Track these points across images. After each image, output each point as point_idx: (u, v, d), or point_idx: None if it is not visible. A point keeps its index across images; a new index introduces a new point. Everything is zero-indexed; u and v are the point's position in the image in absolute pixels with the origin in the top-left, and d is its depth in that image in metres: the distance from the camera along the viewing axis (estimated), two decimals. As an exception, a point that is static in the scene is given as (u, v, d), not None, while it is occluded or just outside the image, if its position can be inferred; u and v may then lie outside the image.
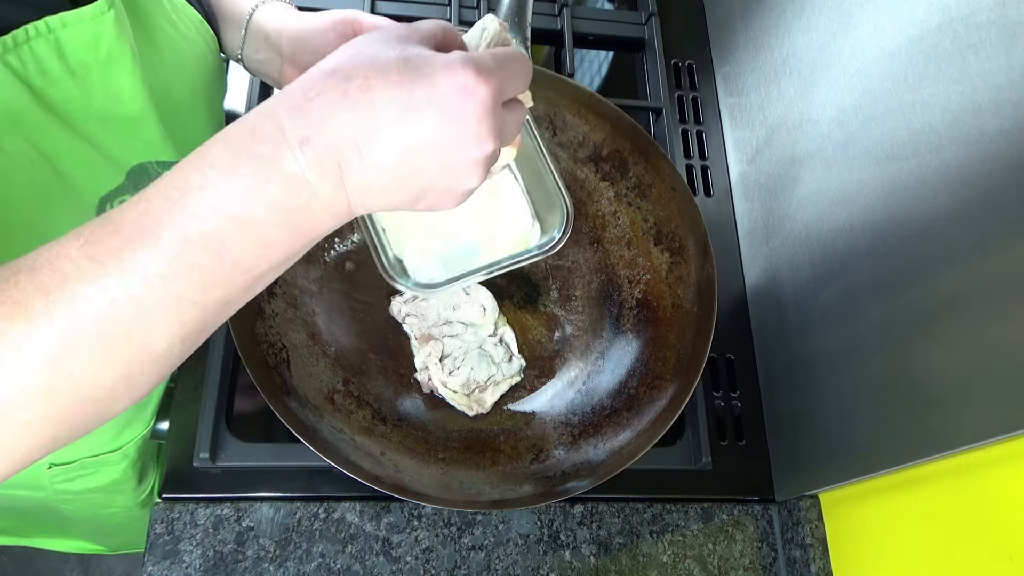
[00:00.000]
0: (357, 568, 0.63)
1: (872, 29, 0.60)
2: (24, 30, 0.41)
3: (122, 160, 0.52)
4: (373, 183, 0.33)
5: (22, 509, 0.76)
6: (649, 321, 0.69)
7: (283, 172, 0.31)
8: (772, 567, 0.69)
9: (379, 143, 0.32)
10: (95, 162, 0.49)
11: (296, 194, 0.31)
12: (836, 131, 0.64)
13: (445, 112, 0.32)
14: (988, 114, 0.48)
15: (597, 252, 0.73)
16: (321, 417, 0.60)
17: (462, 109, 0.32)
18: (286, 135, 0.31)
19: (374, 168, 0.32)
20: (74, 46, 0.43)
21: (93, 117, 0.48)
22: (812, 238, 0.67)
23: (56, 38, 0.42)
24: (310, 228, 0.33)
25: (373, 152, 0.32)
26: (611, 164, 0.72)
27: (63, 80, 0.44)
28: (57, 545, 0.95)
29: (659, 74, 0.85)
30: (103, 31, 0.44)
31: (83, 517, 0.77)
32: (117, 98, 0.48)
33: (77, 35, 0.43)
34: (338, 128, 0.31)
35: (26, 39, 0.41)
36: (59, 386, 0.31)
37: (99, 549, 0.98)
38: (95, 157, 0.49)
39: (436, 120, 0.32)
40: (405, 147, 0.32)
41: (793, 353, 0.70)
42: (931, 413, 0.53)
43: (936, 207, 0.52)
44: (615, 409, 0.66)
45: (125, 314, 0.31)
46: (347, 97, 0.31)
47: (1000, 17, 0.47)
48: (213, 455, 0.61)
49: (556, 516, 0.67)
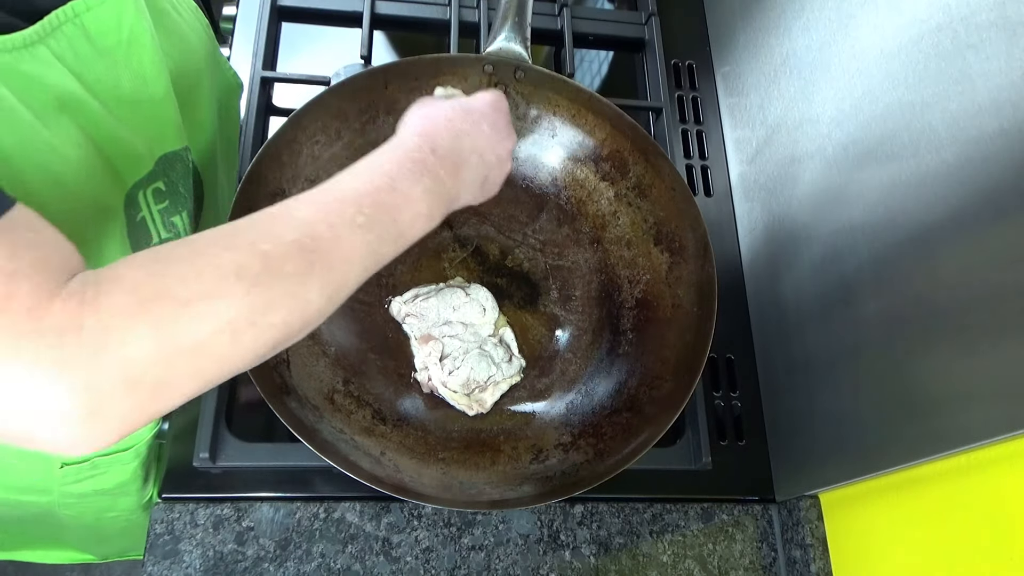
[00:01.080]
0: (357, 568, 0.63)
1: (872, 29, 0.60)
2: (55, 15, 0.42)
3: (153, 147, 0.54)
4: (465, 176, 0.50)
5: (18, 518, 0.76)
6: (649, 321, 0.69)
7: (430, 171, 0.46)
8: (772, 567, 0.69)
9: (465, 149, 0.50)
10: (129, 147, 0.51)
11: (438, 182, 0.47)
12: (836, 131, 0.64)
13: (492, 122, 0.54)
14: (988, 114, 0.48)
15: (597, 252, 0.73)
16: (321, 417, 0.60)
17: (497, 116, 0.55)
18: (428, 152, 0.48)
19: (466, 166, 0.50)
20: (99, 28, 0.45)
21: (124, 100, 0.49)
22: (812, 238, 0.67)
23: (82, 22, 0.43)
24: (442, 209, 0.47)
25: (468, 159, 0.50)
26: (611, 164, 0.72)
27: (94, 63, 0.45)
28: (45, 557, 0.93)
29: (659, 74, 0.85)
30: (124, 11, 0.46)
31: (82, 524, 0.77)
32: (143, 79, 0.50)
33: (101, 17, 0.44)
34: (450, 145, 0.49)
35: (58, 24, 0.42)
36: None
37: (89, 559, 0.97)
38: (129, 142, 0.51)
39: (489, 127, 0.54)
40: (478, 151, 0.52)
41: (793, 353, 0.70)
42: (931, 413, 0.53)
43: (936, 207, 0.52)
44: (615, 409, 0.66)
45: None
46: (449, 129, 0.50)
47: (1000, 17, 0.47)
48: (213, 455, 0.61)
49: (556, 516, 0.67)
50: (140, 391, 0.33)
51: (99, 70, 0.46)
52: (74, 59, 0.44)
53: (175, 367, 0.33)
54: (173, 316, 0.33)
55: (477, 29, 0.83)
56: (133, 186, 0.53)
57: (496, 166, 0.54)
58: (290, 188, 0.64)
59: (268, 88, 0.78)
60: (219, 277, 0.35)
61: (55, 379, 0.30)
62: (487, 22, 0.83)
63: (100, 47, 0.45)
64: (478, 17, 0.84)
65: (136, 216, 0.54)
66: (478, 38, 0.83)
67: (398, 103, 0.69)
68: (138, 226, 0.55)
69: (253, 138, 0.72)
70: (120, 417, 0.33)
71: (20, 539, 0.88)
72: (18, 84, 0.40)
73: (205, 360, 0.34)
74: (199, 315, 0.34)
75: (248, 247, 0.36)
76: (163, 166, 0.55)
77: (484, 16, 0.84)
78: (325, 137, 0.66)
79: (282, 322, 0.37)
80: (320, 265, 0.38)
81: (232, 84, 0.75)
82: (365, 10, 0.81)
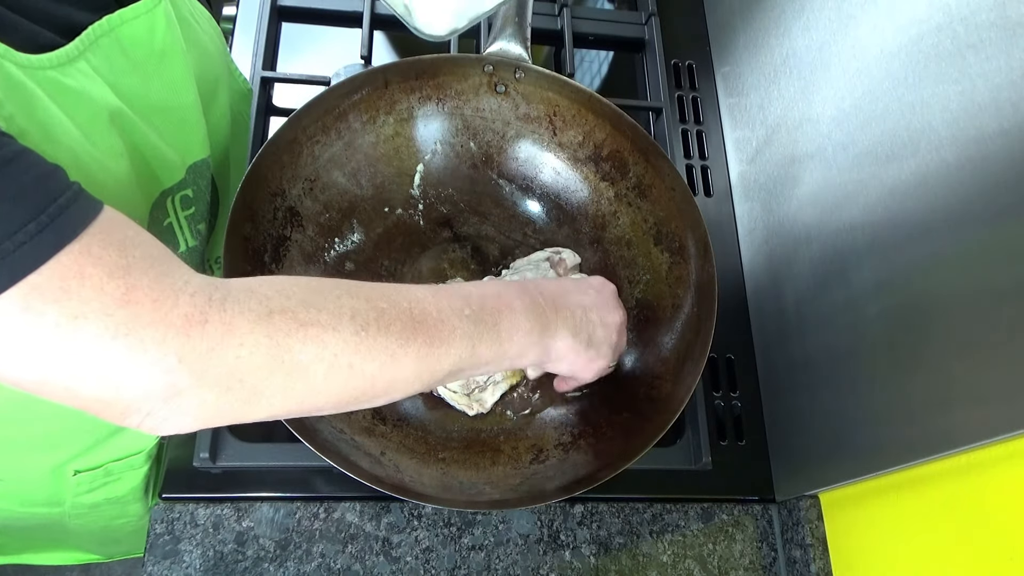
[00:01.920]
0: (357, 568, 0.63)
1: (872, 29, 0.60)
2: (92, 29, 0.42)
3: (184, 155, 0.55)
4: (565, 317, 0.53)
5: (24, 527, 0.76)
6: (649, 321, 0.69)
7: (532, 297, 0.51)
8: (772, 567, 0.69)
9: (570, 301, 0.54)
10: (166, 155, 0.52)
11: (538, 308, 0.51)
12: (836, 131, 0.64)
13: (598, 291, 0.58)
14: (988, 114, 0.48)
15: (597, 252, 0.73)
16: (321, 417, 0.60)
17: (604, 290, 0.59)
18: (533, 287, 0.53)
19: (567, 309, 0.53)
20: (133, 41, 0.46)
21: (156, 109, 0.50)
22: (812, 238, 0.67)
23: (118, 35, 0.44)
24: (543, 337, 0.51)
25: (570, 305, 0.54)
26: (611, 164, 0.72)
27: (129, 74, 0.46)
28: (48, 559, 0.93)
29: (659, 74, 0.85)
30: (156, 24, 0.47)
31: (89, 531, 0.77)
32: (173, 88, 0.51)
33: (135, 30, 0.45)
34: (554, 291, 0.54)
35: (95, 38, 0.43)
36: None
37: (95, 558, 0.97)
38: (165, 150, 0.52)
39: (595, 293, 0.57)
40: (582, 306, 0.55)
41: (793, 353, 0.70)
42: (931, 413, 0.53)
43: (936, 207, 0.52)
44: (615, 409, 0.66)
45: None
46: (555, 283, 0.57)
47: (1000, 17, 0.47)
48: (213, 455, 0.61)
49: (556, 516, 0.67)
50: (237, 392, 0.36)
51: (133, 81, 0.47)
52: (110, 71, 0.45)
53: (273, 380, 0.37)
54: (288, 332, 0.36)
55: (477, 29, 0.83)
56: (163, 192, 0.54)
57: (600, 327, 0.55)
58: (290, 188, 0.64)
59: (268, 88, 0.78)
60: (337, 314, 0.39)
61: (174, 364, 0.34)
62: (487, 22, 0.83)
63: (134, 58, 0.46)
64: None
65: (163, 221, 0.55)
66: (478, 38, 0.83)
67: (398, 103, 0.69)
68: (164, 231, 0.55)
69: (253, 138, 0.72)
70: (214, 409, 0.36)
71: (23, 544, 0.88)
72: (64, 100, 0.41)
73: (299, 383, 0.37)
74: (311, 338, 0.37)
75: (366, 299, 0.41)
76: (193, 174, 0.57)
77: (484, 16, 0.84)
78: (325, 137, 0.66)
79: (372, 374, 0.40)
80: (422, 336, 0.42)
81: (243, 91, 0.75)
82: (365, 10, 0.81)
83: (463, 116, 0.72)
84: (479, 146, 0.74)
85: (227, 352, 0.35)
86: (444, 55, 0.70)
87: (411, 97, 0.70)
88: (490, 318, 0.46)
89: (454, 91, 0.71)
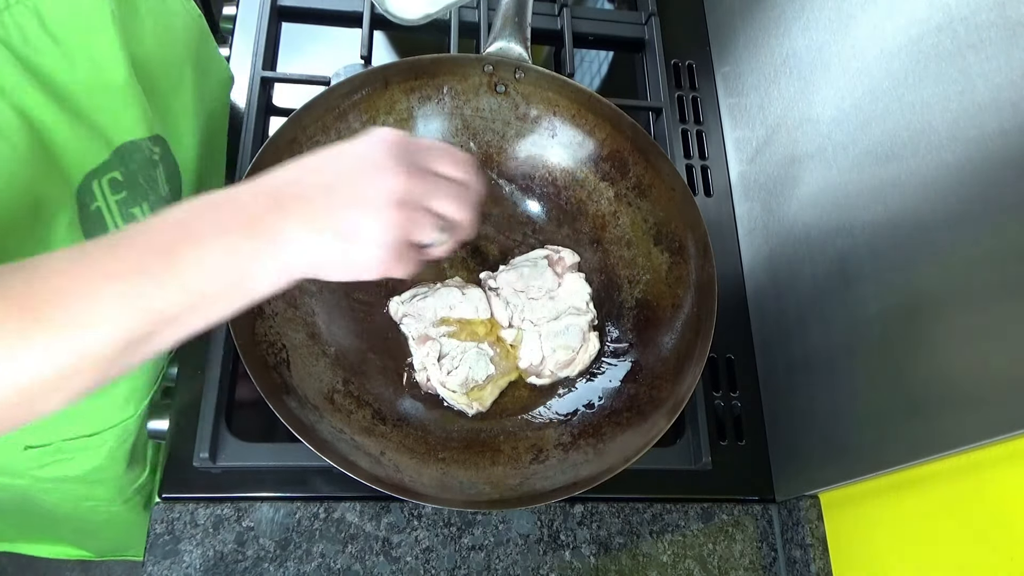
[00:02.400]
0: (357, 568, 0.63)
1: (872, 29, 0.60)
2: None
3: (110, 135, 0.52)
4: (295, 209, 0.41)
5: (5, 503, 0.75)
6: (649, 321, 0.69)
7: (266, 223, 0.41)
8: (772, 567, 0.69)
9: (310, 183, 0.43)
10: (82, 135, 0.49)
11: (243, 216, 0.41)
12: (836, 131, 0.64)
13: (362, 154, 0.43)
14: (988, 114, 0.48)
15: (597, 252, 0.73)
16: (321, 417, 0.60)
17: (375, 148, 0.43)
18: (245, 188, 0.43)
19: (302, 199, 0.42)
20: (54, 12, 0.43)
21: (79, 87, 0.48)
22: (812, 238, 0.67)
23: (35, 4, 0.42)
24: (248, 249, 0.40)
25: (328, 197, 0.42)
26: (611, 164, 0.72)
27: (48, 48, 0.44)
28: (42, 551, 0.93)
29: (659, 74, 0.85)
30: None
31: (65, 512, 0.76)
32: (100, 65, 0.48)
33: (55, 0, 0.43)
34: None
35: (6, 6, 0.41)
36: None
37: (86, 555, 0.97)
38: (82, 130, 0.49)
39: (354, 158, 0.43)
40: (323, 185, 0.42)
41: (793, 353, 0.70)
42: (931, 413, 0.53)
43: (936, 207, 0.52)
44: (615, 409, 0.66)
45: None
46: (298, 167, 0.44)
47: (1000, 17, 0.47)
48: (213, 455, 0.61)
49: (556, 516, 0.67)
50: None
51: (53, 55, 0.45)
52: (23, 44, 0.42)
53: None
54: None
55: (477, 29, 0.83)
56: (87, 175, 0.51)
57: (353, 206, 0.41)
58: (290, 188, 0.64)
59: (268, 88, 0.78)
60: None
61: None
62: (487, 22, 0.83)
63: (54, 31, 0.44)
64: (478, 17, 0.84)
65: (91, 205, 0.53)
66: (478, 38, 0.83)
67: (398, 103, 0.69)
68: (92, 215, 0.53)
69: (253, 138, 0.72)
70: None
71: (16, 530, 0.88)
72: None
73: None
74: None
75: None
76: (121, 155, 0.53)
77: (484, 16, 0.84)
78: (325, 137, 0.66)
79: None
80: (47, 320, 0.34)
81: (224, 77, 0.74)
82: (365, 10, 0.81)
83: (463, 116, 0.72)
84: (479, 146, 0.74)
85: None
86: (444, 55, 0.70)
87: (411, 97, 0.70)
88: (160, 260, 0.37)
89: (454, 91, 0.71)
